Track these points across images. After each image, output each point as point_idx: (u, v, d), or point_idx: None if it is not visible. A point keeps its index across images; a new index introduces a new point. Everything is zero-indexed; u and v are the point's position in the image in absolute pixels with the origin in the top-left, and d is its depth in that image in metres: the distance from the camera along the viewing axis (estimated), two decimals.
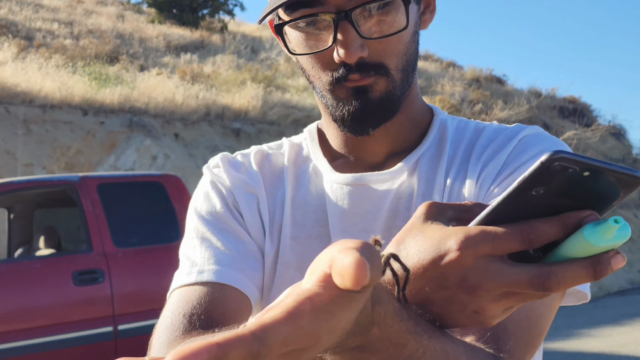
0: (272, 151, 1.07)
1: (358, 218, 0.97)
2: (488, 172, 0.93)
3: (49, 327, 5.34)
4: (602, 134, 18.94)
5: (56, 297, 5.48)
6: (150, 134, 11.29)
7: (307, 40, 0.91)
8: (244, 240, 0.97)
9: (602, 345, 7.60)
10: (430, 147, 1.00)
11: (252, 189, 1.01)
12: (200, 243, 0.96)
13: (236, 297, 0.90)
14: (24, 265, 5.65)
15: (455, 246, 0.57)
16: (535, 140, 0.95)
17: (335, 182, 0.98)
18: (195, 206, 1.01)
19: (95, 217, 5.71)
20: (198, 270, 0.91)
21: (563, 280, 0.54)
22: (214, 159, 1.06)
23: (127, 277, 5.78)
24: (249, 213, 0.99)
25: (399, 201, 0.97)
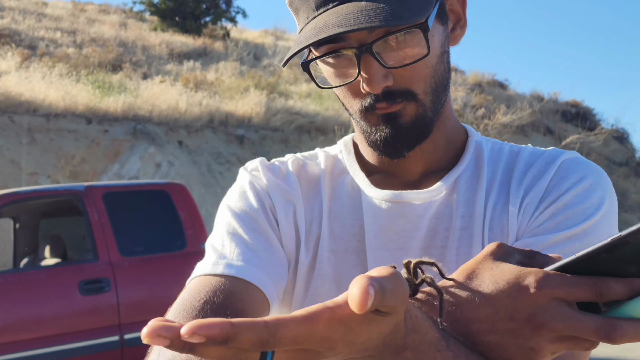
0: (308, 161, 1.07)
1: (395, 235, 0.97)
2: (530, 199, 0.95)
3: (56, 337, 5.34)
4: (605, 138, 18.94)
5: (62, 307, 5.48)
6: (154, 142, 11.31)
7: (335, 73, 0.94)
8: (273, 245, 0.97)
9: (609, 350, 7.57)
10: (468, 168, 1.01)
11: (290, 196, 1.01)
12: (230, 239, 0.96)
13: (257, 297, 0.91)
14: (30, 275, 5.65)
15: (534, 283, 0.63)
16: (575, 166, 0.96)
17: (374, 198, 0.99)
18: (229, 203, 1.01)
19: (101, 226, 5.71)
20: (225, 263, 0.92)
21: (626, 334, 0.60)
22: (252, 163, 1.06)
23: (134, 286, 5.78)
24: (285, 220, 0.99)
25: (437, 221, 0.97)
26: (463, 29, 1.00)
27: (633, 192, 18.66)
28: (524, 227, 0.94)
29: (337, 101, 13.65)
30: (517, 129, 16.55)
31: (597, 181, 0.94)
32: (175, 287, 5.01)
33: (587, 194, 0.92)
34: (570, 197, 0.92)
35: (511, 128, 16.49)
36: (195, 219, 6.12)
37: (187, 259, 5.94)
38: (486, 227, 0.95)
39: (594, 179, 0.94)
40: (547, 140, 17.86)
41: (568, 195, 0.92)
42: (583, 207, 0.91)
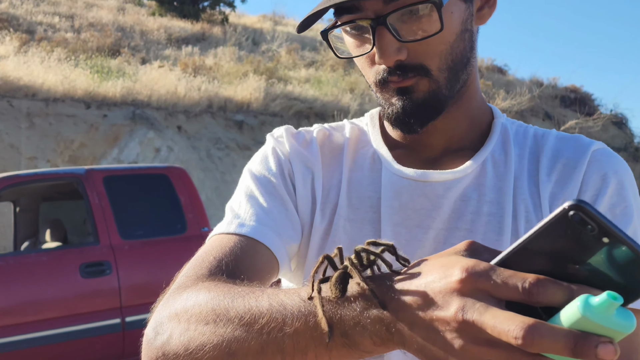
0: (334, 131, 1.09)
1: (414, 213, 0.97)
2: (566, 195, 0.95)
3: (57, 320, 5.36)
4: (603, 123, 18.93)
5: (64, 290, 5.50)
6: (153, 127, 11.29)
7: (355, 44, 0.96)
8: (288, 208, 1.00)
9: None
10: (495, 151, 1.01)
11: (310, 164, 1.03)
12: (247, 199, 0.99)
13: (266, 256, 0.93)
14: (31, 258, 5.66)
15: (459, 270, 0.59)
16: (605, 158, 0.98)
17: (395, 174, 1.00)
18: (251, 167, 1.05)
19: (101, 209, 5.72)
20: (239, 222, 0.95)
21: (540, 341, 0.54)
22: (278, 130, 1.09)
23: (134, 269, 5.80)
24: (302, 186, 1.02)
25: (463, 203, 0.97)
26: (491, 9, 1.00)
27: None
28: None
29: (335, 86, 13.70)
30: (516, 114, 16.54)
31: (627, 176, 0.96)
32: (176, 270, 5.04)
33: (622, 192, 0.94)
34: (609, 198, 0.94)
35: (510, 113, 16.48)
36: (195, 202, 6.12)
37: (188, 243, 5.95)
38: (520, 217, 0.95)
39: (623, 173, 0.96)
40: (546, 125, 17.84)
41: (606, 197, 0.94)
42: (622, 207, 0.93)
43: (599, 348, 0.52)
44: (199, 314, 0.76)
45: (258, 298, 0.72)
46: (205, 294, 0.77)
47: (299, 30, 0.98)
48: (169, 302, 0.82)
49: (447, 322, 0.59)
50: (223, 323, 0.72)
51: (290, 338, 0.68)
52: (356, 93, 14.83)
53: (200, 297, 0.77)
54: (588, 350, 0.52)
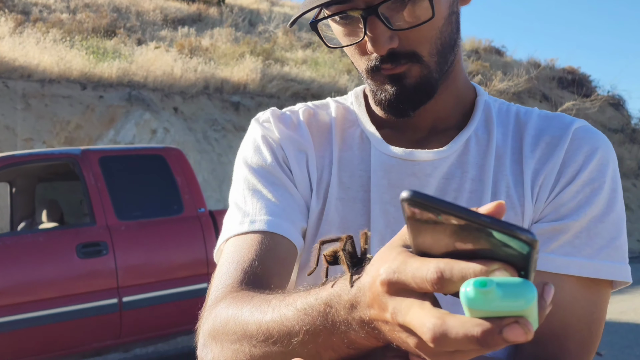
0: (319, 110, 1.10)
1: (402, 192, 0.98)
2: (547, 172, 0.97)
3: (54, 300, 5.37)
4: (601, 105, 18.90)
5: (61, 270, 5.50)
6: (149, 108, 11.26)
7: (344, 32, 0.96)
8: (293, 194, 1.01)
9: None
10: (478, 129, 1.02)
11: (302, 146, 1.04)
12: (251, 194, 1.00)
13: (285, 246, 0.96)
14: (27, 239, 5.66)
15: (382, 273, 0.61)
16: (587, 135, 0.99)
17: (384, 153, 1.01)
18: (245, 158, 1.05)
19: (97, 190, 5.71)
20: (250, 220, 0.97)
21: (447, 343, 0.54)
22: (263, 114, 1.09)
23: (131, 250, 5.80)
24: (298, 170, 1.03)
25: (447, 182, 0.99)
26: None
27: (628, 159, 18.70)
28: (542, 203, 0.96)
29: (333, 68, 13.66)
30: (513, 95, 16.51)
31: (608, 153, 0.97)
32: (173, 251, 5.09)
33: (602, 169, 0.96)
34: (588, 173, 0.95)
35: (507, 95, 16.45)
36: (192, 184, 6.12)
37: (184, 224, 5.96)
38: (500, 193, 0.97)
39: (604, 150, 0.97)
40: (543, 107, 17.80)
41: (586, 172, 0.95)
42: (600, 182, 0.95)
43: (503, 333, 0.51)
44: (227, 332, 0.81)
45: (265, 312, 0.77)
46: (230, 310, 0.82)
47: (290, 25, 1.00)
48: (206, 320, 0.87)
49: (393, 325, 0.61)
50: (246, 341, 0.78)
51: (300, 345, 0.72)
52: (353, 74, 14.78)
53: (228, 313, 0.83)
54: (493, 339, 0.51)
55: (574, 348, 0.91)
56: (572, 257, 0.92)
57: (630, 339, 6.53)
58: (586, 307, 0.92)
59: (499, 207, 0.55)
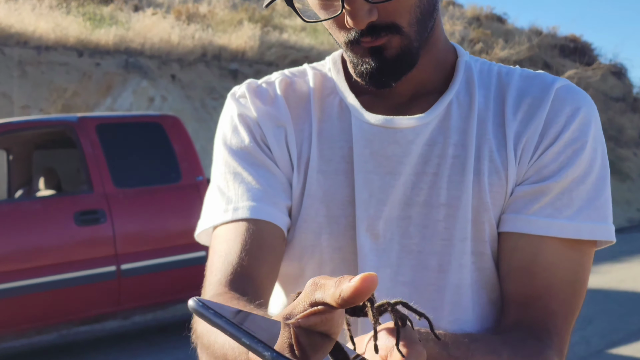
0: (296, 78, 1.07)
1: (386, 160, 0.97)
2: (530, 134, 0.96)
3: (53, 267, 5.37)
4: (603, 73, 18.82)
5: (59, 237, 5.50)
6: (146, 76, 11.18)
7: (321, 5, 0.95)
8: (274, 173, 1.00)
9: (602, 282, 7.68)
10: (459, 92, 1.00)
11: (280, 122, 1.02)
12: (233, 178, 0.99)
13: (270, 231, 0.96)
14: (25, 206, 5.65)
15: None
16: (569, 95, 0.98)
17: (365, 122, 0.99)
18: (224, 138, 1.03)
19: (94, 157, 5.68)
20: (233, 207, 0.97)
21: None
22: (239, 88, 1.07)
23: (129, 218, 5.79)
24: (277, 147, 1.01)
25: (429, 148, 0.97)
26: None
27: (629, 128, 18.66)
28: (525, 166, 0.95)
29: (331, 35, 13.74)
30: (514, 63, 16.37)
31: (590, 112, 0.97)
32: (171, 219, 5.07)
33: (584, 128, 0.95)
34: (570, 134, 0.95)
35: (509, 62, 16.33)
36: (189, 152, 6.09)
37: (182, 192, 5.94)
38: (484, 158, 0.96)
39: (587, 110, 0.96)
40: None
41: (568, 133, 0.95)
42: (582, 142, 0.95)
43: None
44: (203, 345, 0.87)
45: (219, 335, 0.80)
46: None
47: (266, 6, 0.98)
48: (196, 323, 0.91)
49: None
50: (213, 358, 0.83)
51: None
52: None
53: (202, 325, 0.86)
54: None
55: (558, 309, 0.92)
56: (553, 219, 0.93)
57: (628, 306, 6.55)
58: (569, 268, 0.93)
59: (365, 281, 0.54)
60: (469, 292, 0.96)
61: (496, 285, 0.97)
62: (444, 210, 0.95)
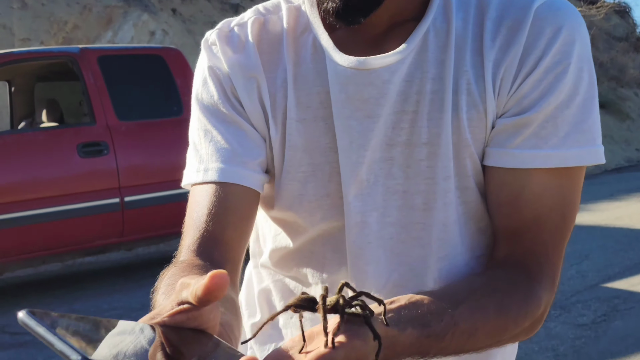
0: (270, 16, 1.02)
1: (362, 104, 0.93)
2: (509, 61, 0.90)
3: (58, 198, 5.43)
4: (606, 12, 18.60)
5: (62, 169, 5.54)
6: (147, 9, 11.06)
7: None
8: (245, 129, 0.97)
9: (599, 219, 7.77)
10: (436, 18, 0.94)
11: (251, 72, 0.97)
12: (204, 135, 0.98)
13: (238, 194, 0.94)
14: (28, 137, 5.67)
15: None
16: (550, 13, 0.91)
17: (339, 64, 0.94)
18: (196, 93, 1.00)
19: (97, 89, 5.69)
20: (204, 168, 0.95)
21: None
22: (211, 34, 1.02)
23: (132, 150, 5.83)
24: (249, 100, 0.97)
25: (408, 84, 0.93)
26: None
27: (632, 68, 18.53)
28: (505, 97, 0.91)
29: None
30: None
31: (574, 29, 0.90)
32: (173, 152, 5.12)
33: (567, 49, 0.89)
34: (551, 58, 0.89)
35: None
36: (191, 85, 6.04)
37: (184, 125, 5.92)
38: (461, 91, 0.91)
39: (570, 28, 0.90)
40: None
41: (549, 57, 0.89)
42: (564, 65, 0.89)
43: None
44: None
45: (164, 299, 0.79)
46: (162, 284, 0.83)
47: None
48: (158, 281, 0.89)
49: None
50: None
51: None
52: None
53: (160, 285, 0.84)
54: None
55: (548, 237, 0.91)
56: (537, 150, 0.89)
57: (624, 242, 6.65)
58: (557, 195, 0.91)
59: (213, 278, 0.56)
60: (456, 227, 0.95)
61: (484, 214, 0.96)
62: (425, 149, 0.92)
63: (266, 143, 0.98)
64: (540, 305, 0.89)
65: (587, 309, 4.76)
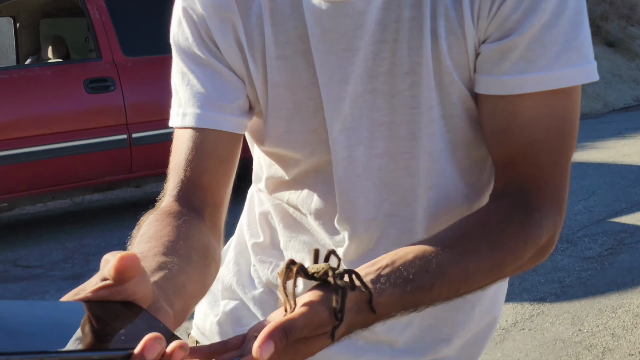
0: None
1: (340, 37, 0.90)
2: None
3: (65, 134, 5.43)
4: None
5: (69, 104, 5.53)
6: None
7: None
8: (220, 72, 0.95)
9: (606, 156, 7.76)
10: None
11: (225, 12, 0.94)
12: (181, 78, 0.97)
13: (218, 138, 0.95)
14: (35, 72, 5.64)
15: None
16: None
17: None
18: (173, 35, 0.99)
19: (102, 24, 5.64)
20: (182, 112, 0.96)
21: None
22: None
23: (138, 87, 5.80)
24: (224, 42, 0.95)
25: (385, 12, 0.89)
26: None
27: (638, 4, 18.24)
28: (485, 20, 0.87)
29: None
30: None
31: None
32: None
33: None
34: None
35: None
36: None
37: None
38: (439, 17, 0.87)
39: None
40: None
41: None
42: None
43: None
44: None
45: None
46: (140, 232, 0.85)
47: None
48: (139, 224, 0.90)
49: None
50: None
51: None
52: None
53: (138, 234, 0.85)
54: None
55: (548, 159, 0.88)
56: (527, 74, 0.85)
57: (631, 179, 6.65)
58: (553, 116, 0.87)
59: (122, 259, 0.60)
60: (443, 156, 0.94)
61: (474, 141, 0.94)
62: (408, 78, 0.90)
63: (245, 83, 0.97)
64: (541, 233, 0.86)
65: (593, 243, 4.79)
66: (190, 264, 0.78)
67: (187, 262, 0.78)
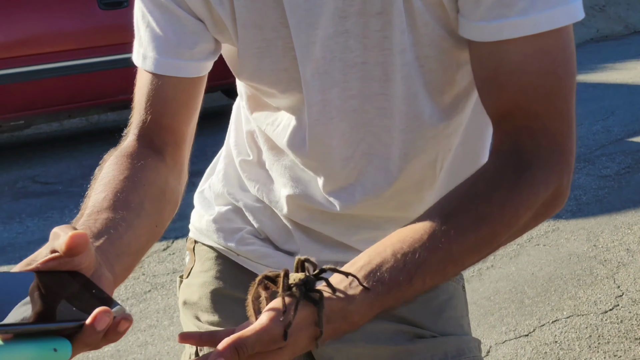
0: None
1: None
2: None
3: (79, 51, 5.39)
4: None
5: (83, 21, 5.47)
6: None
7: None
8: (179, 16, 0.93)
9: (626, 77, 7.65)
10: None
11: None
12: (142, 18, 0.96)
13: (177, 84, 0.95)
14: None
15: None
16: None
17: None
18: None
19: None
20: (143, 54, 0.96)
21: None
22: None
23: None
24: None
25: None
26: None
27: None
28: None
29: None
30: None
31: None
32: None
33: None
34: None
35: None
36: None
37: None
38: None
39: None
40: None
41: None
42: None
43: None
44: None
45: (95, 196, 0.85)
46: (100, 174, 0.88)
47: None
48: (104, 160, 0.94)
49: None
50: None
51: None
52: None
53: (99, 175, 0.89)
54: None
55: (542, 106, 0.82)
56: (503, 19, 0.79)
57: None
58: (543, 58, 0.81)
59: (73, 238, 0.65)
60: (418, 99, 0.91)
61: (450, 80, 0.91)
62: (380, 19, 0.86)
63: (207, 26, 0.94)
64: (537, 191, 0.81)
65: (611, 162, 4.76)
66: (140, 216, 0.83)
67: (137, 214, 0.82)
